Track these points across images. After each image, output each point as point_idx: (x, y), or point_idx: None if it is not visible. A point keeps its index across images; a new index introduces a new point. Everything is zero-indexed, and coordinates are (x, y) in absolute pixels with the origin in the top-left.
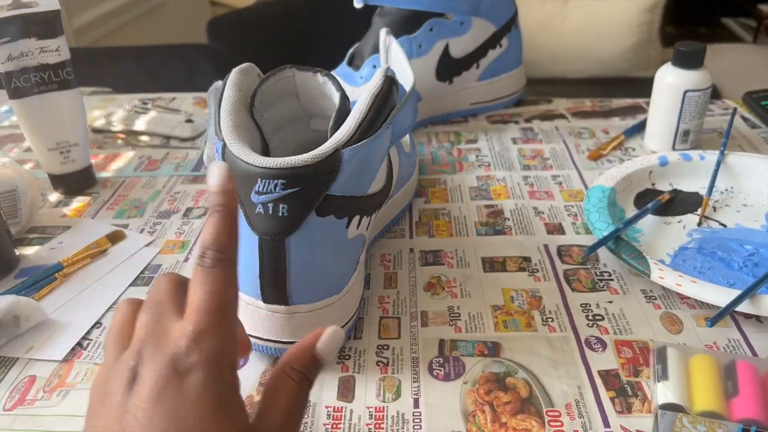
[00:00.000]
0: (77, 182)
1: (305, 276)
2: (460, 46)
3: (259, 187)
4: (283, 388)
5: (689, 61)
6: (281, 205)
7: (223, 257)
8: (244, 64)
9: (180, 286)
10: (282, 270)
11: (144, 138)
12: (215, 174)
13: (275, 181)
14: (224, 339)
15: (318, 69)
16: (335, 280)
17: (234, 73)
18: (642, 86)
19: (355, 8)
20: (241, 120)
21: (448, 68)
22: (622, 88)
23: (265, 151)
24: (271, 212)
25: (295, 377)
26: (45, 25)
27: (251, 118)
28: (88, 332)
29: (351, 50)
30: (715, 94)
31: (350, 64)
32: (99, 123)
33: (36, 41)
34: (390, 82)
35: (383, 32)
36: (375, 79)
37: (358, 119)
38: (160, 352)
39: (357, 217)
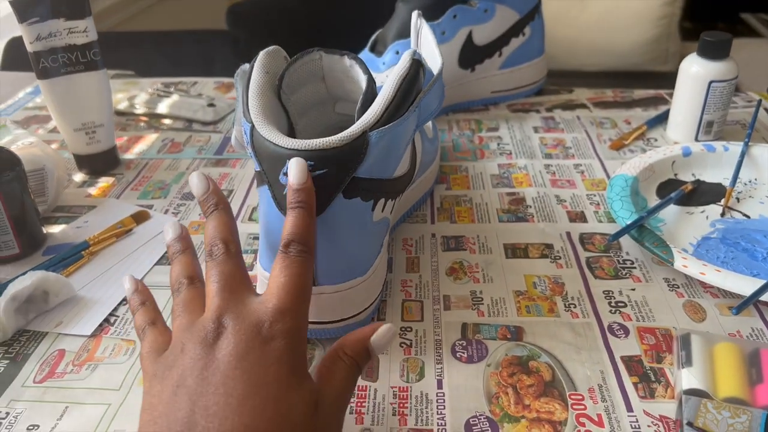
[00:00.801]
0: (102, 163)
1: (331, 257)
2: (483, 34)
3: (287, 168)
4: (337, 369)
5: (715, 51)
6: (297, 192)
7: (305, 249)
8: (271, 47)
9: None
10: None
11: (167, 121)
12: (295, 171)
13: (293, 166)
14: (302, 318)
15: (345, 52)
16: (360, 262)
17: (261, 56)
18: (661, 80)
19: None
20: (268, 102)
21: (471, 56)
22: (641, 81)
23: (292, 134)
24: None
25: (347, 361)
26: (73, 6)
27: (278, 101)
28: (115, 309)
29: (374, 36)
30: (735, 89)
31: (372, 50)
32: (122, 105)
33: (64, 22)
34: (417, 65)
35: (415, 14)
36: (402, 62)
37: (385, 102)
38: (244, 319)
39: (382, 200)
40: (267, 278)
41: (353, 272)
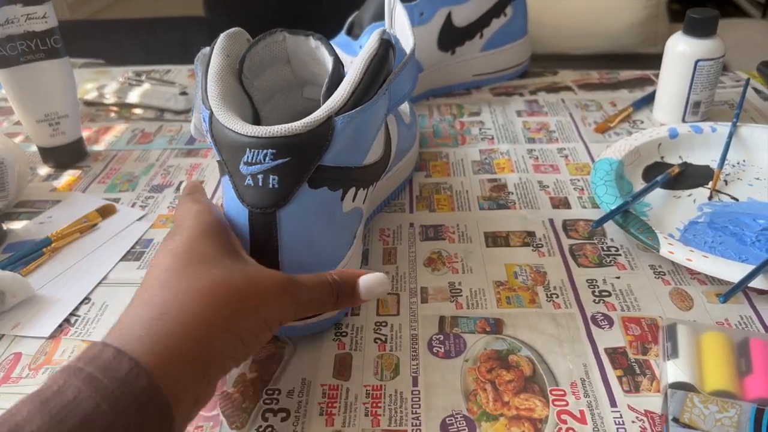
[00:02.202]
0: (67, 155)
1: (298, 250)
2: (463, 14)
3: (247, 157)
4: (319, 279)
5: (702, 28)
6: (271, 177)
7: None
8: (233, 29)
9: None
10: (274, 244)
11: (137, 111)
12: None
13: (264, 151)
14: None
15: (310, 33)
16: (330, 254)
17: (221, 38)
18: (649, 62)
19: None
20: (229, 88)
21: (451, 37)
22: (629, 63)
23: (256, 121)
24: (261, 184)
25: (331, 280)
26: None
27: (240, 86)
28: (76, 308)
29: (350, 19)
30: (724, 69)
31: (349, 33)
32: (91, 95)
33: (21, 8)
34: (386, 45)
35: None
36: (371, 42)
37: (352, 85)
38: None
39: (353, 189)
40: None
41: (322, 266)
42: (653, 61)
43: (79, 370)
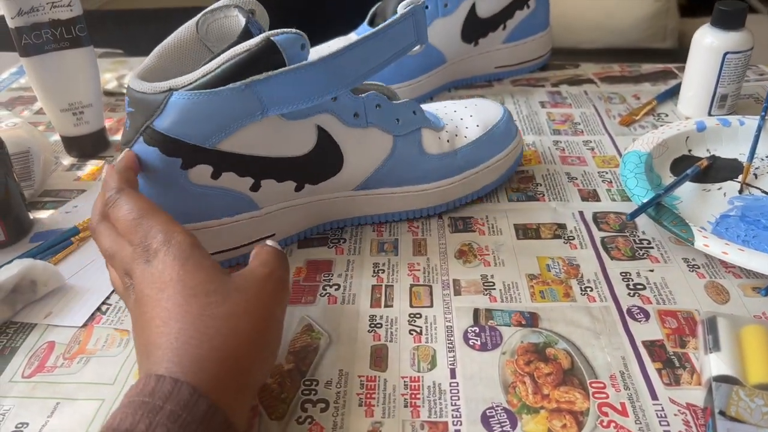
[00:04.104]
0: (91, 145)
1: (148, 193)
2: (486, 6)
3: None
4: (266, 251)
5: (730, 21)
6: (127, 120)
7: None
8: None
9: None
10: None
11: None
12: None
13: (127, 99)
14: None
15: (250, 11)
16: (179, 214)
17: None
18: (660, 57)
19: None
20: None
21: (474, 29)
22: (640, 58)
23: None
24: (127, 125)
25: (271, 249)
26: None
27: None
28: (108, 297)
29: (373, 9)
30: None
31: (371, 24)
32: (111, 86)
33: None
34: (267, 47)
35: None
36: (253, 39)
37: (204, 69)
38: None
39: (205, 167)
40: None
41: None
42: (663, 56)
43: (159, 408)
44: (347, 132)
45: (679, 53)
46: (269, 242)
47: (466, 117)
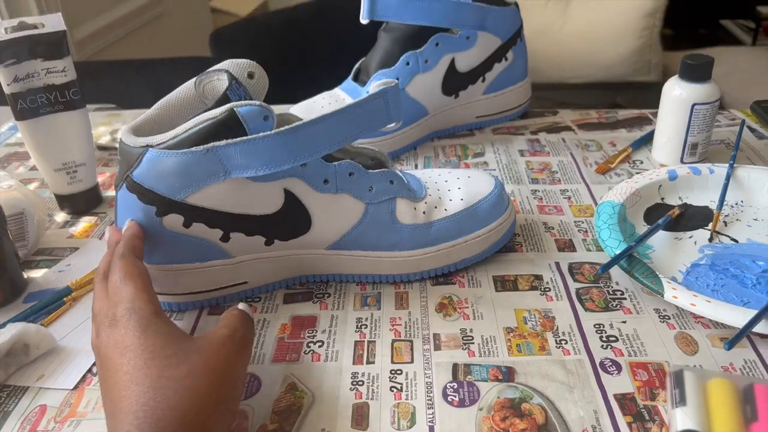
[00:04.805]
0: (84, 202)
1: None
2: (466, 61)
3: None
4: (226, 317)
5: (697, 74)
6: (118, 166)
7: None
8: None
9: None
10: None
11: None
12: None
13: (118, 148)
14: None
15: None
16: (149, 255)
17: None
18: (644, 90)
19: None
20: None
21: (455, 82)
22: (624, 92)
23: None
24: (118, 171)
25: (234, 313)
26: (51, 46)
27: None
28: None
29: (357, 65)
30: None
31: (356, 79)
32: (104, 140)
33: (42, 62)
34: (230, 117)
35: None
36: (219, 109)
37: (176, 131)
38: None
39: (176, 216)
40: None
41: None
42: (648, 89)
43: None
44: (316, 196)
45: (662, 86)
46: (241, 305)
47: (453, 189)
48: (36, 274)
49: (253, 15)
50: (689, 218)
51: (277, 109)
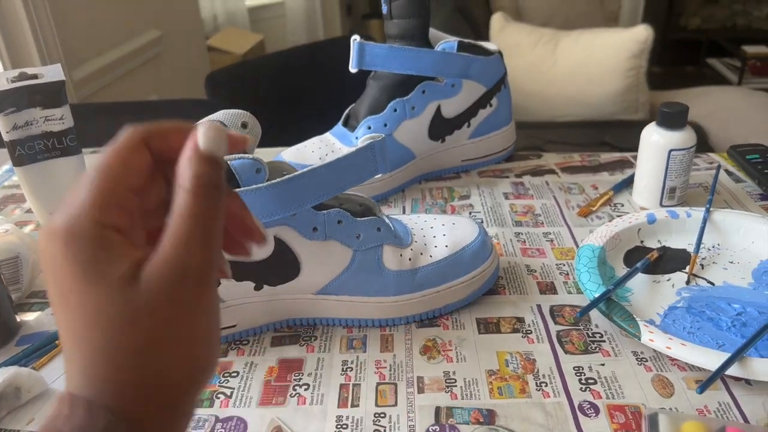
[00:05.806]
0: None
1: None
2: (451, 107)
3: None
4: (182, 207)
5: (673, 121)
6: None
7: None
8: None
9: None
10: None
11: None
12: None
13: None
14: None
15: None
16: None
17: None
18: (631, 129)
19: None
20: None
21: (441, 128)
22: (613, 130)
23: None
24: None
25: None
26: (50, 95)
27: None
28: None
29: (346, 111)
30: (702, 138)
31: (345, 124)
32: None
33: (41, 110)
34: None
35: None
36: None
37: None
38: None
39: None
40: None
41: None
42: (635, 128)
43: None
44: (305, 243)
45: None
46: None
47: (438, 235)
48: (29, 317)
49: (248, 54)
50: (667, 261)
51: (269, 152)
